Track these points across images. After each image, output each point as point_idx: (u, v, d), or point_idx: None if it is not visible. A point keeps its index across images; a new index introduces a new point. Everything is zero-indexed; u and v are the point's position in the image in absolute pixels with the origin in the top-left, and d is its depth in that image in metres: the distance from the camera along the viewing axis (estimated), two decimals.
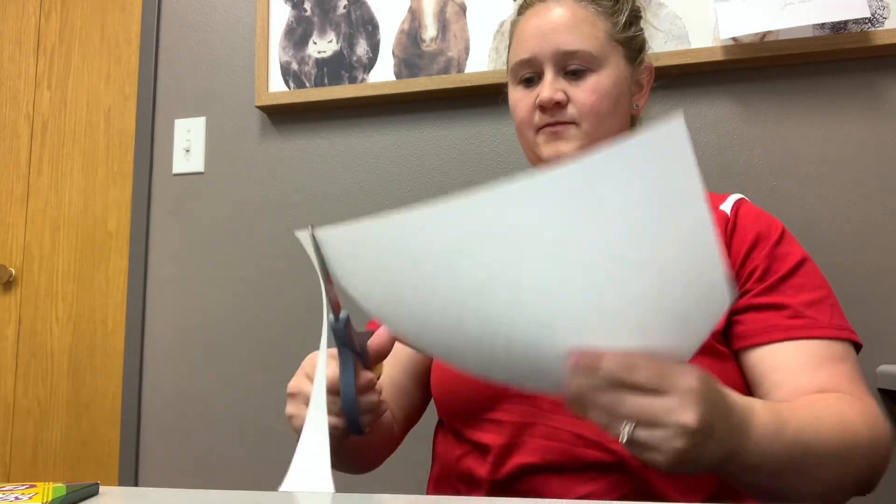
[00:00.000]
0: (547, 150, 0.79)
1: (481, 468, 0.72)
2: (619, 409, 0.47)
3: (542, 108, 0.78)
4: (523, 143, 0.84)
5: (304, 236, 0.54)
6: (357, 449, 0.75)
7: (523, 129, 0.82)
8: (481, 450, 0.72)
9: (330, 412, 0.57)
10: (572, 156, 0.78)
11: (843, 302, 0.76)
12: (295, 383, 0.63)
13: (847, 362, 0.70)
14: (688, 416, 0.46)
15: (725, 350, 0.72)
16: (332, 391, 0.58)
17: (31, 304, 1.62)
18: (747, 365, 0.72)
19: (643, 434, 0.47)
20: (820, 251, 1.15)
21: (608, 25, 0.80)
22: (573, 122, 0.78)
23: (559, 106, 0.78)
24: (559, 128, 0.79)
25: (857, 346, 0.73)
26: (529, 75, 0.81)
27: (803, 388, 0.67)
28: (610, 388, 0.47)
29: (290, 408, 0.63)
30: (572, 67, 0.79)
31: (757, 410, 0.55)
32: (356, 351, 0.59)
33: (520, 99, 0.82)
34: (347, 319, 0.56)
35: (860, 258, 1.15)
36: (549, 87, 0.78)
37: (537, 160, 0.82)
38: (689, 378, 0.47)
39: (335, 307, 0.55)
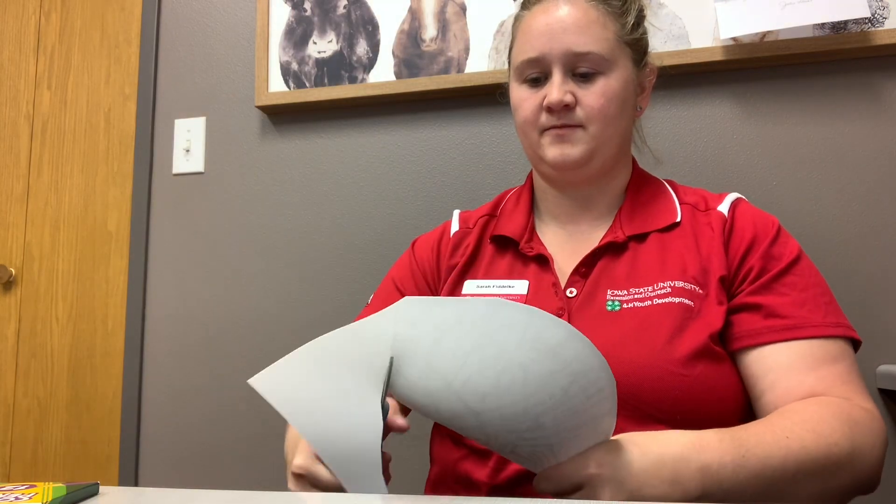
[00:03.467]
0: (552, 151, 0.79)
1: (480, 472, 0.72)
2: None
3: (550, 109, 0.77)
4: (525, 142, 0.83)
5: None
6: None
7: (527, 130, 0.81)
8: (480, 454, 0.72)
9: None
10: (578, 158, 0.78)
11: (842, 302, 0.76)
12: (302, 463, 0.58)
13: (842, 362, 0.69)
14: (603, 496, 0.54)
15: (722, 351, 0.72)
16: None
17: (31, 304, 1.62)
18: (742, 366, 0.72)
19: None
20: (819, 251, 1.15)
21: (617, 27, 0.79)
22: (580, 125, 0.77)
23: (567, 108, 0.77)
24: (566, 130, 0.78)
25: (856, 342, 0.72)
26: (536, 75, 0.79)
27: (793, 391, 0.68)
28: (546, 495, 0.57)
29: (294, 487, 0.60)
30: (582, 70, 0.77)
31: (710, 444, 0.58)
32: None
33: (524, 98, 0.80)
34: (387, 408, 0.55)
35: (860, 258, 1.15)
36: (559, 88, 0.76)
37: (539, 161, 0.82)
38: (589, 468, 0.55)
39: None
